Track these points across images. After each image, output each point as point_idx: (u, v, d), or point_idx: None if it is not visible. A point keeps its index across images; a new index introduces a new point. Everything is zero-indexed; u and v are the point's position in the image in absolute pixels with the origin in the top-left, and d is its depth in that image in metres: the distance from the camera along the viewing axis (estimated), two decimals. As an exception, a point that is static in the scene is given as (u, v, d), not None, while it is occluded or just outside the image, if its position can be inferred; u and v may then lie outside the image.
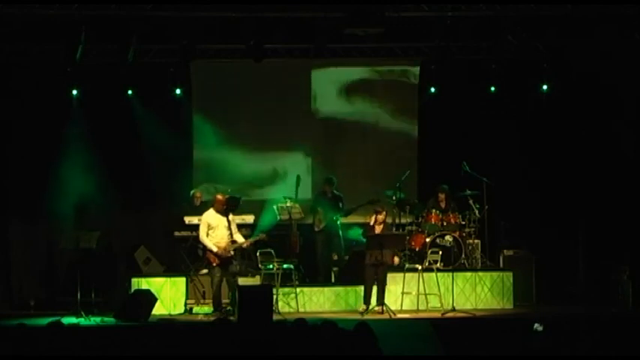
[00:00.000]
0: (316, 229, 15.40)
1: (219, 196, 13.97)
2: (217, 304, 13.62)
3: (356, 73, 16.75)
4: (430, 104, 16.57)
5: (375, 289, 13.98)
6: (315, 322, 7.96)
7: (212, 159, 16.35)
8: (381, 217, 14.35)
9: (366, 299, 14.04)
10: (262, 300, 12.82)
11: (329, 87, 16.75)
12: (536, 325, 10.58)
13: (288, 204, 14.83)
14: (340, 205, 15.41)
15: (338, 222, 15.29)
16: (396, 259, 14.00)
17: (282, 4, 14.17)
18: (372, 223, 14.45)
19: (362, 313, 13.78)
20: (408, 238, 15.03)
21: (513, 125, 16.21)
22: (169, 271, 14.96)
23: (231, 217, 13.88)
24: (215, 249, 13.58)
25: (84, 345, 8.98)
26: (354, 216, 15.65)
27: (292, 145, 16.61)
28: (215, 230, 13.73)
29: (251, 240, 13.98)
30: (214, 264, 13.62)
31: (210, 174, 16.28)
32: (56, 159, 15.53)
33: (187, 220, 14.83)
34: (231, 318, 12.62)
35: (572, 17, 14.62)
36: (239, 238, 13.80)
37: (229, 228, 13.73)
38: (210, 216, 13.81)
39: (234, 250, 13.74)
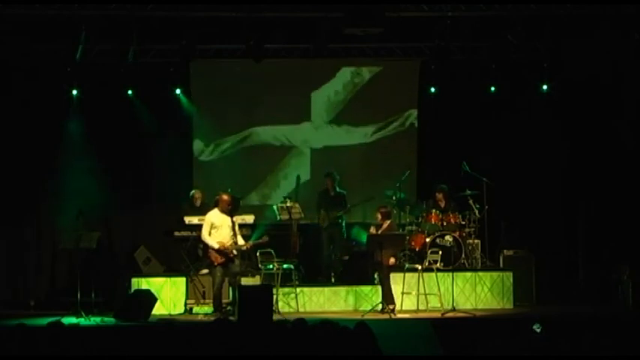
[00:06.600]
0: (322, 225, 15.35)
1: (225, 196, 13.80)
2: (217, 304, 13.58)
3: (356, 72, 16.74)
4: (430, 104, 16.57)
5: (392, 287, 13.89)
6: (315, 322, 7.94)
7: (211, 159, 16.36)
8: (379, 215, 14.27)
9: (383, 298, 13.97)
10: (262, 300, 12.82)
11: (329, 87, 16.75)
12: (535, 326, 10.59)
13: (288, 204, 14.82)
14: (343, 203, 15.38)
15: (342, 222, 15.28)
16: (392, 260, 13.94)
17: (282, 4, 14.18)
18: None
19: (382, 312, 13.72)
20: (408, 238, 15.02)
21: (513, 125, 16.21)
22: (169, 271, 14.95)
23: (234, 217, 13.87)
24: (217, 246, 13.49)
25: (84, 345, 8.95)
26: (357, 216, 15.66)
27: (292, 144, 16.61)
28: (219, 230, 13.62)
29: (252, 242, 13.90)
30: (216, 263, 13.57)
31: (210, 174, 16.29)
32: (56, 159, 15.54)
33: (187, 220, 14.80)
34: (231, 318, 12.62)
35: (572, 17, 14.63)
36: (240, 240, 13.73)
37: (233, 228, 13.69)
38: (215, 215, 13.73)
39: (236, 250, 13.72)
